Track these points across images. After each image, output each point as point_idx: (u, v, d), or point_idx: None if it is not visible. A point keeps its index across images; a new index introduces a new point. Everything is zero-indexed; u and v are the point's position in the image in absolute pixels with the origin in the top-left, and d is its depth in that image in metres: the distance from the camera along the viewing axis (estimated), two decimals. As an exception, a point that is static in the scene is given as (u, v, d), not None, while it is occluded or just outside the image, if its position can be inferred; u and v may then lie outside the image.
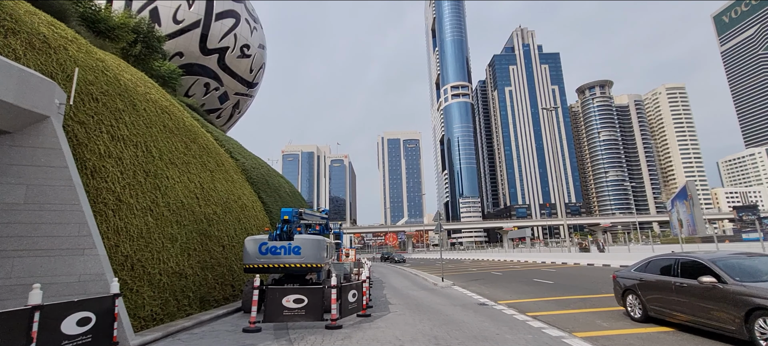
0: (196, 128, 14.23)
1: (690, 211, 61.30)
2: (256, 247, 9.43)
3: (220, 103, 39.31)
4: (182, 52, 33.36)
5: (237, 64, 37.41)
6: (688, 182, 66.61)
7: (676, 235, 72.16)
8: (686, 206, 63.57)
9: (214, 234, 11.44)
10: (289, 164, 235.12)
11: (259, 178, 20.18)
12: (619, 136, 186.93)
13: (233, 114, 42.93)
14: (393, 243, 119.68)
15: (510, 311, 9.77)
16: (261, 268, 9.36)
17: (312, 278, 10.53)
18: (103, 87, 8.58)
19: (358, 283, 9.22)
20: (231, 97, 39.55)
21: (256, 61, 40.28)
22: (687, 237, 56.65)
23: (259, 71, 42.24)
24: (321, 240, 9.80)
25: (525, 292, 13.55)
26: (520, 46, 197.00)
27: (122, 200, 7.63)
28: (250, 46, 38.43)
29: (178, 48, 32.87)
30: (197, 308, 9.24)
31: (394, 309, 10.65)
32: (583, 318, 8.48)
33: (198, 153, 12.78)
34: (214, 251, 11.11)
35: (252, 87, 42.30)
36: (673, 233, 76.58)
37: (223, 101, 39.53)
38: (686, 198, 63.48)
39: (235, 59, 37.09)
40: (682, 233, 67.10)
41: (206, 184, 12.15)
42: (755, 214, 60.69)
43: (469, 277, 21.41)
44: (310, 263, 9.39)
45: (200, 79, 35.47)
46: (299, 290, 7.92)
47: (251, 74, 40.70)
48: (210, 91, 37.08)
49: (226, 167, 15.65)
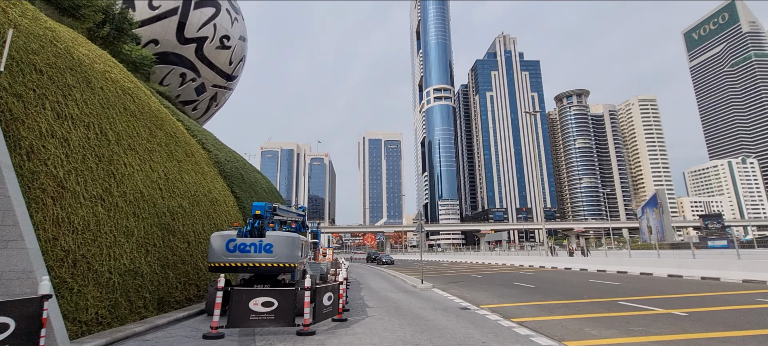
0: (164, 115, 13.17)
1: (659, 218, 63.56)
2: (223, 244, 8.58)
3: (196, 94, 37.68)
4: (157, 39, 31.74)
5: (216, 55, 35.95)
6: (659, 191, 69.16)
7: (646, 240, 74.74)
8: (656, 214, 65.87)
9: (179, 229, 10.49)
10: (268, 161, 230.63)
11: (233, 172, 19.13)
12: (593, 144, 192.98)
13: (210, 107, 41.27)
14: (371, 244, 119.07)
15: (494, 316, 9.31)
16: (228, 267, 8.53)
17: (285, 278, 9.77)
18: (49, 59, 7.57)
19: (335, 285, 8.54)
20: (208, 89, 38.00)
21: (236, 53, 38.84)
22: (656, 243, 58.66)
23: (239, 64, 40.77)
24: (295, 238, 9.05)
25: (507, 296, 13.19)
26: (502, 53, 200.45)
27: (66, 187, 6.68)
28: (231, 38, 37.03)
29: (153, 35, 31.23)
30: (154, 310, 8.33)
31: (373, 313, 10.02)
32: (571, 325, 8.09)
33: (164, 141, 11.78)
34: (178, 248, 10.18)
35: (231, 80, 40.79)
36: (642, 239, 79.28)
37: (200, 93, 37.92)
38: (656, 206, 65.77)
39: (214, 50, 35.63)
40: (651, 239, 69.60)
41: (172, 175, 11.18)
42: (720, 222, 63.60)
43: (449, 279, 21.02)
44: (282, 262, 8.63)
45: (176, 68, 33.87)
46: (268, 292, 7.18)
47: (231, 66, 39.22)
48: (186, 81, 35.46)
49: (197, 159, 14.63)
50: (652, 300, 11.09)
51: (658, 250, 21.68)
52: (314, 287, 7.59)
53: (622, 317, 8.74)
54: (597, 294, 12.76)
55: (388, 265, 41.31)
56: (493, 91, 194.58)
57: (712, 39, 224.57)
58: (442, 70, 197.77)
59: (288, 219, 12.64)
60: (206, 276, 11.06)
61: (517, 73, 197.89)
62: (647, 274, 18.55)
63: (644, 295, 12.23)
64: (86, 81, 8.55)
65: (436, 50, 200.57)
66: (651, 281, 16.17)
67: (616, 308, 9.93)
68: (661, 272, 17.89)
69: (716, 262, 15.62)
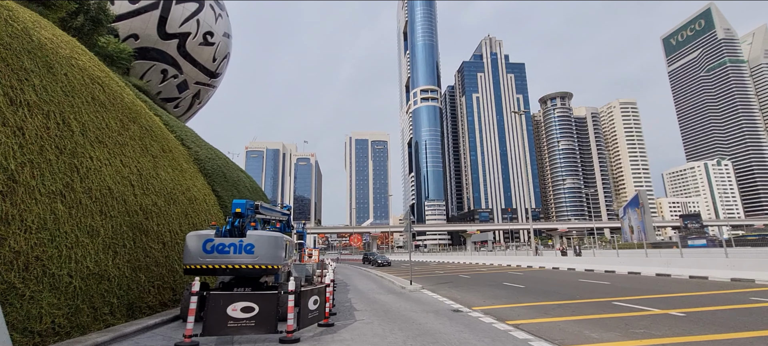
0: (139, 108, 12.37)
1: (641, 218, 64.84)
2: (199, 244, 7.93)
3: (178, 92, 36.52)
4: (138, 34, 30.57)
5: (199, 51, 34.90)
6: (640, 192, 70.65)
7: (627, 240, 76.18)
8: (637, 214, 67.21)
9: (153, 229, 9.76)
10: (253, 161, 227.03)
11: (214, 170, 18.32)
12: (576, 145, 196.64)
13: (193, 104, 40.08)
14: (358, 244, 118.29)
15: (488, 318, 8.91)
16: (205, 269, 7.87)
17: (268, 281, 9.16)
18: (3, 39, 6.81)
19: (321, 287, 8.00)
20: (191, 86, 36.87)
21: (220, 50, 37.80)
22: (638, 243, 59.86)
23: (223, 61, 39.72)
24: (278, 237, 8.45)
25: (498, 297, 12.85)
26: (488, 55, 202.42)
27: (18, 181, 5.95)
28: (214, 34, 35.99)
29: (133, 30, 30.05)
30: (123, 317, 7.62)
31: (361, 317, 9.50)
32: (569, 327, 7.75)
33: (138, 135, 11.00)
34: (152, 249, 9.45)
35: (215, 77, 39.70)
36: (624, 239, 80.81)
37: (182, 90, 36.76)
38: (638, 206, 67.12)
39: (197, 46, 34.57)
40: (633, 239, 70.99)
41: (146, 171, 10.42)
42: (699, 222, 65.25)
43: (437, 280, 20.66)
44: (265, 264, 8.02)
45: (157, 65, 32.73)
46: (248, 296, 6.59)
47: (214, 63, 38.16)
48: (168, 78, 34.30)
49: (175, 155, 13.84)
50: (646, 300, 10.89)
51: (646, 249, 21.81)
52: (299, 290, 7.03)
53: (620, 319, 8.45)
54: (590, 294, 12.54)
55: (383, 266, 38.78)
56: (479, 92, 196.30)
57: (689, 45, 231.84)
58: (429, 71, 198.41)
59: (272, 218, 12.01)
60: (183, 279, 10.35)
61: (502, 75, 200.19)
62: (635, 273, 18.56)
63: (637, 295, 12.06)
64: (47, 66, 7.78)
65: (423, 51, 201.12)
66: (641, 280, 16.11)
67: (611, 309, 9.67)
68: (649, 271, 17.91)
69: (704, 261, 15.68)
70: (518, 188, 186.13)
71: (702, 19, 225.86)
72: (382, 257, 43.67)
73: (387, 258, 44.33)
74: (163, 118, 16.72)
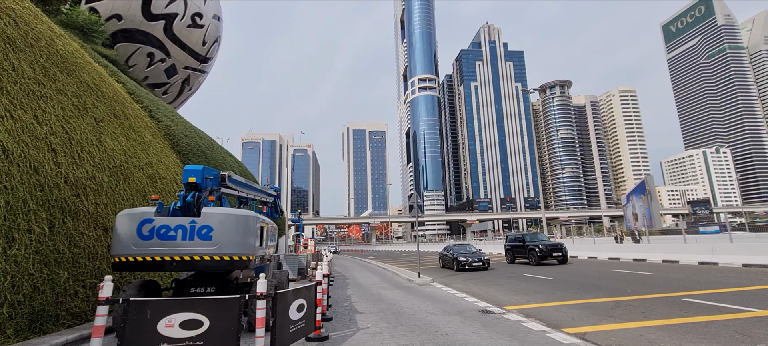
0: (82, 61, 9.86)
1: (647, 205, 62.95)
2: (133, 227, 5.55)
3: (167, 77, 34.00)
4: (121, 15, 28.09)
5: (187, 34, 32.37)
6: (647, 177, 68.60)
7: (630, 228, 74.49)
8: (643, 201, 65.27)
9: (87, 210, 7.36)
10: (250, 153, 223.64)
11: (191, 147, 15.85)
12: (575, 134, 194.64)
13: (183, 91, 37.52)
14: (356, 235, 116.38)
15: (534, 323, 6.63)
16: (141, 262, 5.50)
17: (237, 277, 6.77)
18: None
19: (310, 286, 5.65)
20: (180, 71, 34.36)
21: (210, 33, 35.15)
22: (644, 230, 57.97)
23: (214, 45, 37.09)
24: (248, 217, 6.07)
25: (529, 291, 10.59)
26: (486, 43, 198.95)
27: None
28: (203, 16, 33.38)
29: (115, 10, 27.58)
30: (24, 332, 5.26)
31: (365, 322, 7.20)
32: (663, 340, 5.45)
33: (74, 91, 8.54)
34: (84, 237, 7.06)
35: (205, 62, 37.09)
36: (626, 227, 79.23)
37: (171, 75, 34.24)
38: (644, 193, 65.03)
39: (185, 29, 32.02)
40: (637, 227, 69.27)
41: (81, 135, 7.98)
42: (708, 208, 63.32)
43: (446, 271, 18.45)
44: (228, 254, 5.64)
45: (143, 47, 30.27)
46: (192, 304, 4.24)
47: (204, 47, 35.53)
48: (155, 62, 31.81)
49: (134, 124, 11.37)
50: (725, 296, 8.62)
51: (684, 236, 19.64)
52: (273, 293, 4.68)
53: (718, 323, 6.18)
54: (642, 288, 10.28)
55: (468, 269, 18.43)
56: (478, 81, 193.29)
57: (689, 32, 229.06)
58: (427, 60, 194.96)
59: (251, 197, 9.59)
60: (126, 277, 7.96)
61: (501, 64, 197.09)
62: (672, 262, 16.36)
63: (704, 288, 9.81)
64: None
65: (421, 40, 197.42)
66: (686, 270, 13.91)
67: (690, 309, 7.41)
68: (690, 259, 15.72)
69: (762, 246, 13.47)
70: (517, 177, 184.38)
71: (702, 6, 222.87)
72: (472, 254, 19.51)
73: (483, 255, 19.32)
74: (128, 86, 14.19)
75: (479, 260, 17.96)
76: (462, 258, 18.20)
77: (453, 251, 19.65)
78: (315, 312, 5.75)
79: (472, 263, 17.88)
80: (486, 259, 18.20)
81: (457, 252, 19.24)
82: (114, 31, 27.49)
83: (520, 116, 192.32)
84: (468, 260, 18.02)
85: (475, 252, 19.23)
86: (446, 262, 20.41)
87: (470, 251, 19.36)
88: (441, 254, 21.84)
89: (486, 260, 18.11)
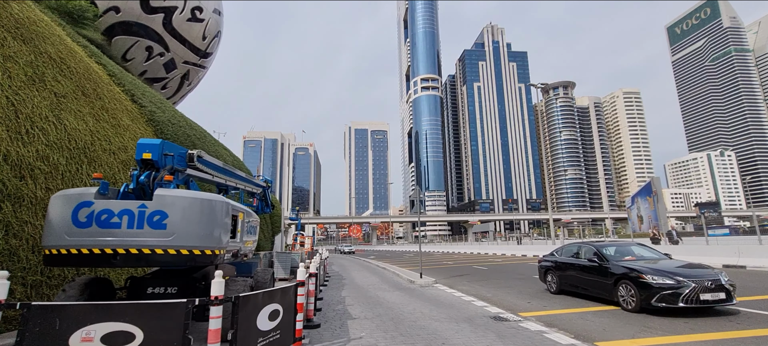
0: (47, 32, 8.80)
1: (653, 207, 61.70)
2: (67, 211, 4.47)
3: (166, 71, 33.14)
4: (118, 7, 27.30)
5: (187, 28, 31.50)
6: (654, 179, 67.33)
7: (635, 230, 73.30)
8: (649, 203, 64.02)
9: (35, 196, 6.29)
10: (251, 152, 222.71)
11: (177, 135, 14.78)
12: (578, 136, 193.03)
13: (182, 86, 36.59)
14: (357, 235, 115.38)
15: (558, 335, 5.52)
16: (76, 255, 4.40)
17: (206, 276, 5.65)
18: None
19: (284, 289, 4.56)
20: (179, 66, 33.46)
21: (210, 27, 34.22)
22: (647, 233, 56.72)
23: (214, 40, 36.15)
24: (214, 202, 4.94)
25: (543, 295, 9.48)
26: (489, 43, 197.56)
27: None
28: (204, 10, 32.48)
29: (113, 2, 26.81)
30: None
31: (358, 331, 6.10)
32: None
33: (28, 59, 7.48)
34: (28, 226, 5.99)
35: (205, 57, 36.15)
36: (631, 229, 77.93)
37: (170, 70, 33.35)
38: (650, 194, 63.81)
39: (185, 23, 31.15)
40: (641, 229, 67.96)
41: (30, 109, 6.91)
42: (716, 210, 62.01)
43: (450, 272, 17.32)
44: (186, 246, 4.54)
45: (141, 41, 29.46)
46: (119, 311, 3.16)
47: (204, 42, 34.60)
48: (153, 56, 30.97)
49: (109, 106, 10.31)
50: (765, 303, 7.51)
51: (706, 237, 18.47)
52: (236, 297, 3.58)
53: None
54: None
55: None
56: (481, 81, 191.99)
57: (694, 34, 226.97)
58: (430, 59, 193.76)
59: (233, 186, 8.49)
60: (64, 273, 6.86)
61: (504, 64, 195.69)
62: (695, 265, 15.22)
63: (743, 294, 8.69)
64: None
65: (424, 39, 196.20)
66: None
67: (731, 316, 6.29)
68: (714, 262, 14.56)
69: (796, 248, 12.33)
70: (519, 178, 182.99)
71: (707, 8, 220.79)
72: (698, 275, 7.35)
73: (717, 275, 7.46)
74: (109, 68, 13.13)
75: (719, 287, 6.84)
76: (660, 279, 7.03)
77: (620, 263, 8.07)
78: (294, 319, 4.66)
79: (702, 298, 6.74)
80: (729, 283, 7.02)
81: (639, 268, 7.55)
82: (112, 23, 26.62)
83: (523, 117, 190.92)
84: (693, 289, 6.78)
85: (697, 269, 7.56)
86: (588, 285, 8.67)
87: (675, 267, 7.62)
88: (561, 262, 9.79)
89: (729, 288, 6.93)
